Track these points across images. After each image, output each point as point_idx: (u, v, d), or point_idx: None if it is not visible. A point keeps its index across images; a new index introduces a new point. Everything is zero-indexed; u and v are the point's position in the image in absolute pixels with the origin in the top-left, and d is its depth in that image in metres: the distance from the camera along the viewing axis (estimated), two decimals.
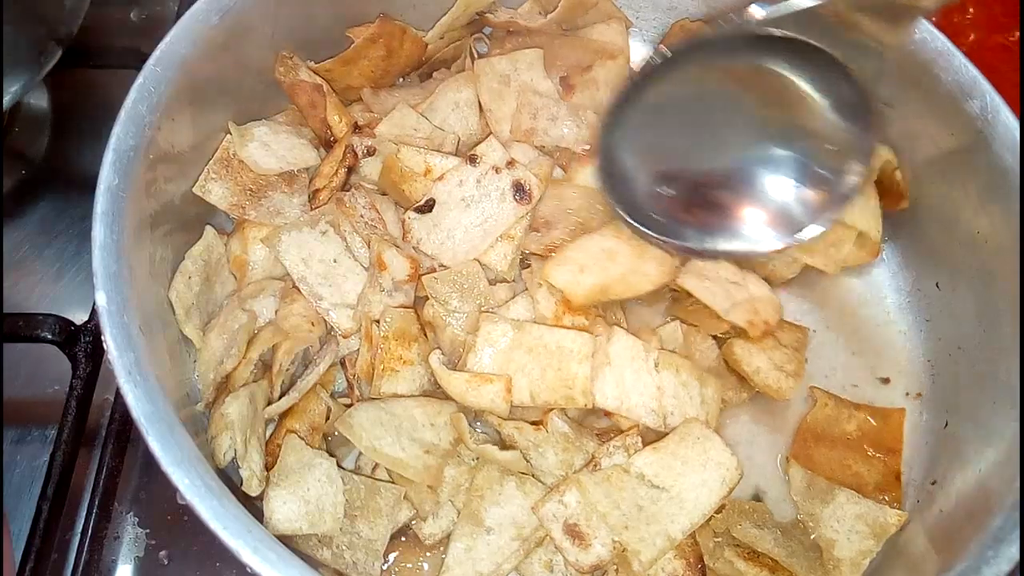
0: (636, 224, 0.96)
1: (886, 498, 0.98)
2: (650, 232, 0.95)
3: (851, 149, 0.93)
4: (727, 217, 0.96)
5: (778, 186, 0.95)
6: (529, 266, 1.03)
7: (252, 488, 0.83)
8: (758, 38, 0.89)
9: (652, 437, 0.94)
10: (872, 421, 1.01)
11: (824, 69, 0.90)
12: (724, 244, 0.95)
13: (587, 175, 1.06)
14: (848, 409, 1.02)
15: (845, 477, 0.99)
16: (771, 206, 0.95)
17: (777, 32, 0.88)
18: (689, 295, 0.99)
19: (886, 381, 1.08)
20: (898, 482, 0.99)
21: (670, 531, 0.86)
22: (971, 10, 1.26)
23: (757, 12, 0.86)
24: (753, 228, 0.95)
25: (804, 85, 0.93)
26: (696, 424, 0.92)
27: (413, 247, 1.02)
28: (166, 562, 1.01)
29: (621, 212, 0.96)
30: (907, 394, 1.07)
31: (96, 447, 1.04)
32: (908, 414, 1.04)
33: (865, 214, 1.06)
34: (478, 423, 0.97)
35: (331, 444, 0.97)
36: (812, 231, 0.93)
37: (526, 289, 1.01)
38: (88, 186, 0.82)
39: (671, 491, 0.88)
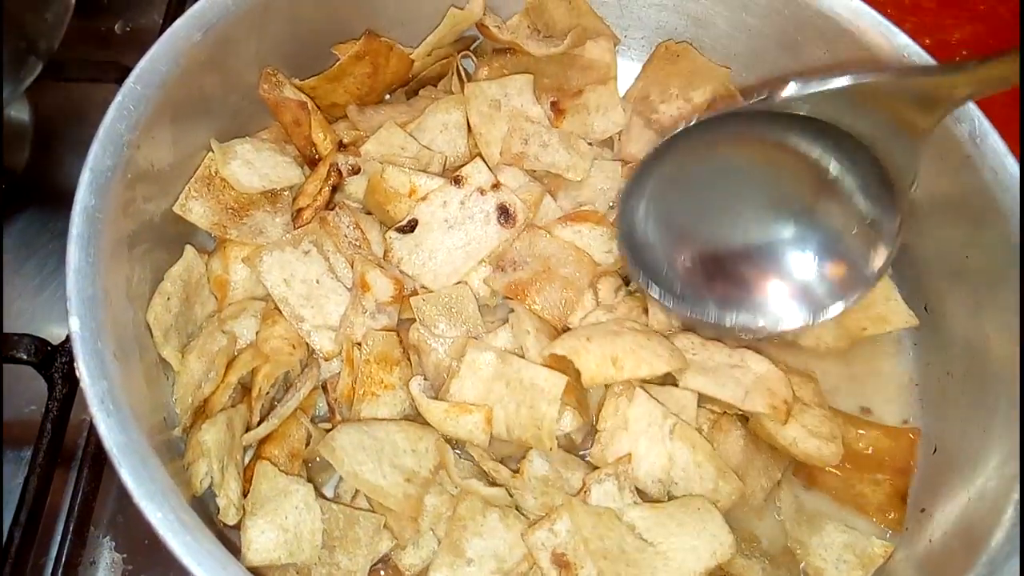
0: (657, 295, 0.95)
1: (889, 518, 0.97)
2: (671, 305, 0.95)
3: (877, 231, 0.92)
4: (750, 292, 0.95)
5: (803, 264, 0.94)
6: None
7: (229, 517, 0.82)
8: (787, 115, 0.88)
9: None
10: (884, 440, 1.00)
11: (852, 150, 0.89)
12: (746, 319, 0.94)
13: (572, 232, 1.04)
14: (858, 427, 1.01)
15: (848, 497, 0.98)
16: (796, 284, 0.94)
17: (804, 112, 0.87)
18: None
19: (867, 411, 1.06)
20: (904, 504, 0.97)
21: None
22: (956, 34, 1.26)
23: (792, 89, 0.85)
24: (777, 305, 0.94)
25: (831, 164, 0.92)
26: (701, 498, 0.90)
27: (395, 267, 1.00)
28: None
29: (642, 282, 0.96)
30: (903, 421, 1.06)
31: (72, 469, 1.02)
32: None
33: None
34: (458, 450, 0.96)
35: (311, 471, 0.96)
36: (836, 309, 0.93)
37: (512, 311, 1.00)
38: (69, 199, 0.81)
39: (658, 547, 0.86)
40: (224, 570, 0.66)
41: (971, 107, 0.97)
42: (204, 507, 0.84)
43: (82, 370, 0.71)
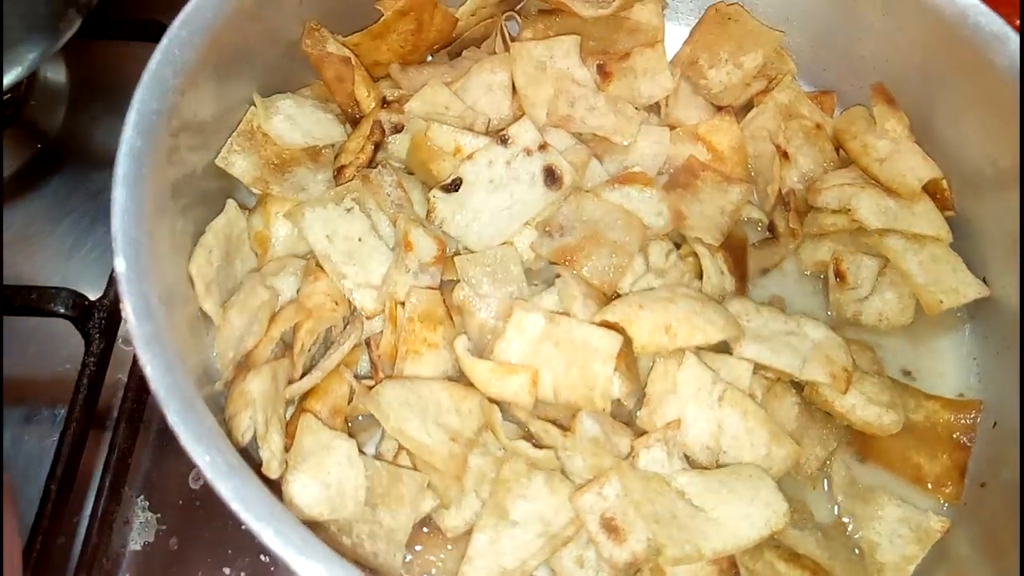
0: None
1: (946, 491, 0.94)
2: None
3: None
4: None
5: None
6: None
7: (272, 470, 0.80)
8: None
9: None
10: (943, 412, 0.96)
11: None
12: None
13: (620, 195, 1.01)
14: (917, 398, 0.98)
15: (904, 468, 0.94)
16: None
17: None
18: None
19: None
20: (962, 478, 0.94)
21: (701, 546, 0.81)
22: None
23: None
24: None
25: None
26: (753, 466, 0.88)
27: (438, 227, 0.98)
28: (176, 548, 0.98)
29: None
30: (959, 395, 1.03)
31: (107, 429, 1.01)
32: None
33: (932, 221, 1.04)
34: (502, 412, 0.93)
35: (351, 430, 0.93)
36: None
37: (558, 276, 0.97)
38: (104, 161, 0.79)
39: (710, 513, 0.83)
40: (273, 515, 0.63)
41: None
42: (247, 460, 0.81)
43: (128, 311, 0.69)
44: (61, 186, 1.25)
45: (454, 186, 0.99)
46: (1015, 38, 0.96)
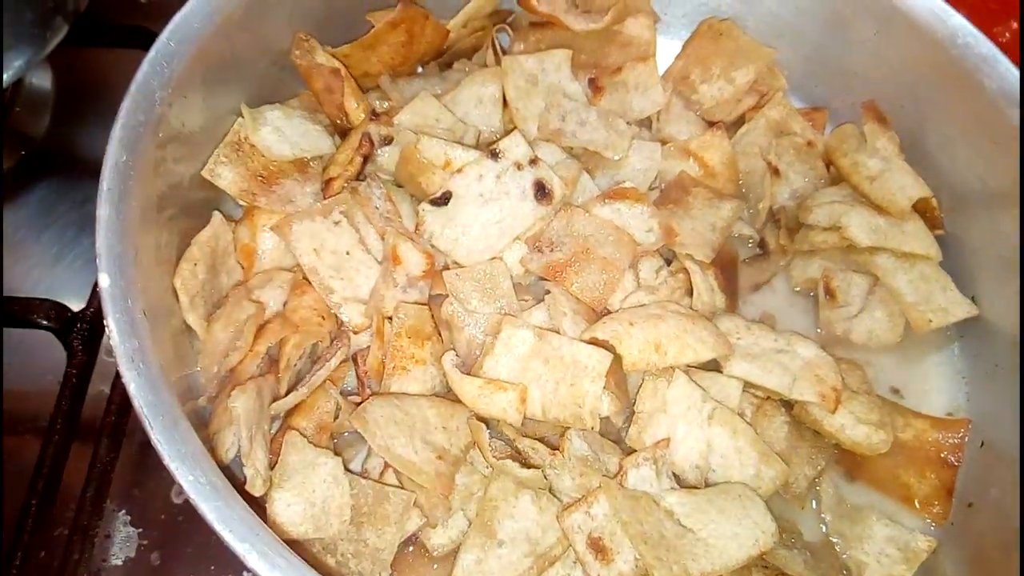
0: None
1: (934, 511, 0.94)
2: None
3: None
4: None
5: None
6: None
7: (256, 488, 0.79)
8: None
9: None
10: (931, 431, 0.96)
11: None
12: None
13: (611, 210, 1.00)
14: (906, 417, 0.97)
15: (892, 488, 0.95)
16: None
17: None
18: None
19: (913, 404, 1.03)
20: (950, 497, 0.94)
21: (689, 566, 0.81)
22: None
23: None
24: None
25: None
26: (742, 485, 0.87)
27: (427, 241, 0.97)
28: (158, 563, 0.96)
29: None
30: (947, 414, 1.03)
31: (89, 441, 0.99)
32: None
33: (922, 240, 1.04)
34: (490, 429, 0.92)
35: (337, 446, 0.92)
36: None
37: (547, 292, 0.97)
38: (89, 169, 0.78)
39: (698, 533, 0.83)
40: (256, 536, 0.63)
41: None
42: (231, 477, 0.80)
43: (112, 327, 0.68)
44: (46, 194, 1.24)
45: (444, 199, 0.98)
46: (1004, 60, 0.97)
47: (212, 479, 0.65)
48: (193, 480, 0.64)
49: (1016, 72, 0.96)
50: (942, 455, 0.96)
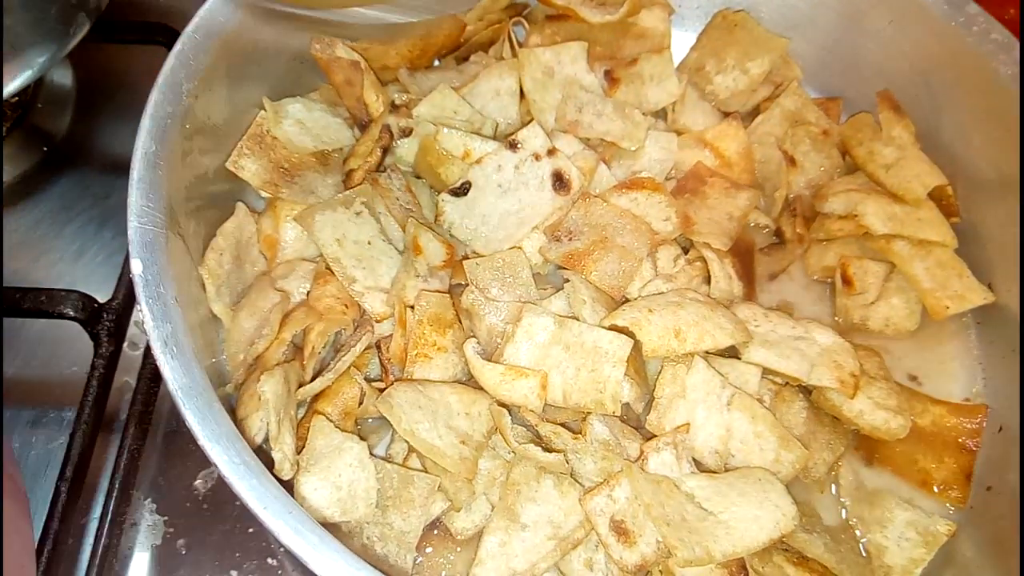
0: None
1: (952, 495, 0.94)
2: None
3: None
4: None
5: None
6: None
7: (284, 472, 0.80)
8: None
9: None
10: (949, 417, 0.97)
11: None
12: None
13: (628, 200, 1.01)
14: (923, 403, 0.98)
15: (911, 472, 0.95)
16: None
17: None
18: None
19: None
20: (968, 481, 0.95)
21: (711, 548, 0.82)
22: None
23: None
24: None
25: None
26: (761, 470, 0.88)
27: (446, 231, 0.98)
28: (184, 551, 0.98)
29: None
30: (965, 399, 1.03)
31: (115, 431, 1.01)
32: None
33: (938, 227, 1.04)
34: (512, 415, 0.93)
35: (361, 432, 0.93)
36: None
37: (566, 281, 0.98)
38: (110, 165, 0.79)
39: (719, 516, 0.84)
40: (290, 514, 0.64)
41: None
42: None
43: (145, 312, 0.69)
44: (68, 189, 1.25)
45: (463, 189, 0.99)
46: (1018, 47, 0.97)
47: (246, 459, 0.66)
48: (228, 460, 0.65)
49: None
50: (960, 440, 0.97)
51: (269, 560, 0.97)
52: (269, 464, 0.82)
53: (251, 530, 0.98)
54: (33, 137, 1.29)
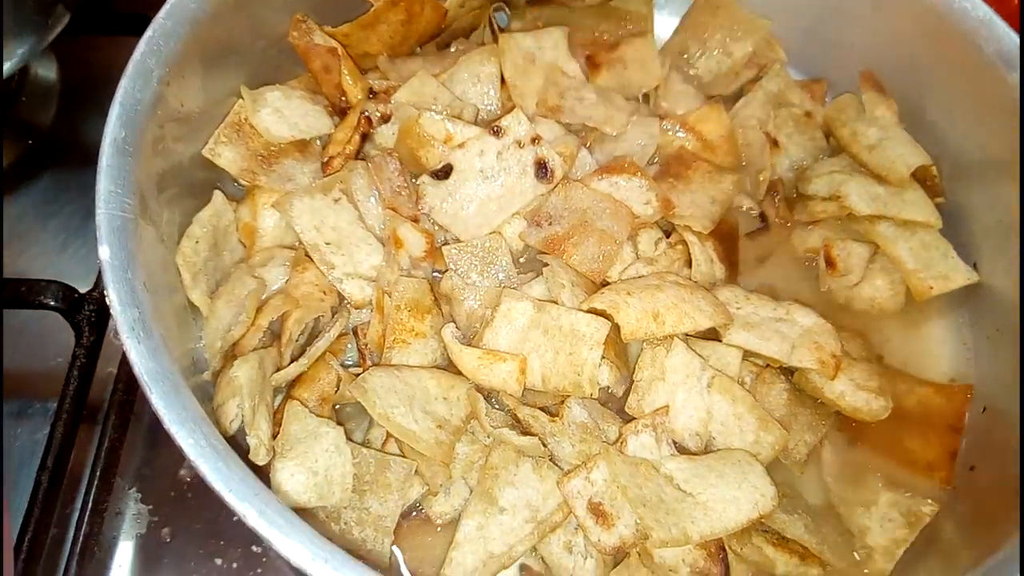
0: None
1: (937, 475, 0.94)
2: None
3: None
4: None
5: None
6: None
7: (259, 457, 0.79)
8: None
9: None
10: (934, 397, 0.96)
11: None
12: None
13: (609, 184, 1.00)
14: (908, 384, 0.98)
15: (895, 453, 0.94)
16: None
17: None
18: None
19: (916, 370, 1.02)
20: (952, 461, 0.94)
21: (688, 529, 0.81)
22: None
23: None
24: None
25: None
26: (741, 451, 0.88)
27: (426, 215, 0.98)
28: (168, 540, 0.98)
29: None
30: (951, 380, 1.03)
31: (99, 422, 1.01)
32: None
33: (922, 208, 1.04)
34: (491, 400, 0.93)
35: (340, 418, 0.93)
36: None
37: (545, 265, 0.97)
38: (94, 157, 0.78)
39: (698, 498, 0.83)
40: (256, 496, 0.63)
41: None
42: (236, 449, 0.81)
43: (112, 297, 0.69)
44: (52, 182, 1.25)
45: (444, 172, 0.99)
46: (1001, 23, 0.96)
47: (212, 442, 0.66)
48: (193, 443, 0.65)
49: (1015, 35, 0.96)
50: (945, 421, 0.96)
51: (253, 548, 0.97)
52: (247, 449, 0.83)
53: (235, 519, 0.96)
54: (18, 130, 1.29)
